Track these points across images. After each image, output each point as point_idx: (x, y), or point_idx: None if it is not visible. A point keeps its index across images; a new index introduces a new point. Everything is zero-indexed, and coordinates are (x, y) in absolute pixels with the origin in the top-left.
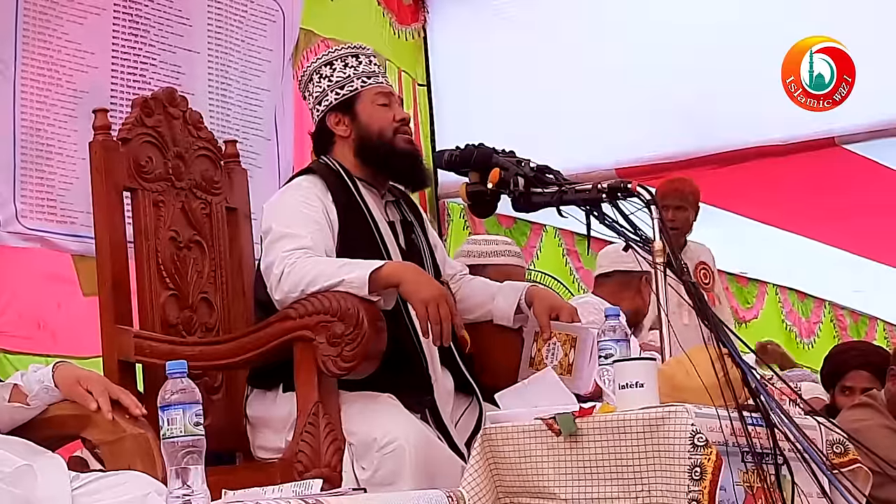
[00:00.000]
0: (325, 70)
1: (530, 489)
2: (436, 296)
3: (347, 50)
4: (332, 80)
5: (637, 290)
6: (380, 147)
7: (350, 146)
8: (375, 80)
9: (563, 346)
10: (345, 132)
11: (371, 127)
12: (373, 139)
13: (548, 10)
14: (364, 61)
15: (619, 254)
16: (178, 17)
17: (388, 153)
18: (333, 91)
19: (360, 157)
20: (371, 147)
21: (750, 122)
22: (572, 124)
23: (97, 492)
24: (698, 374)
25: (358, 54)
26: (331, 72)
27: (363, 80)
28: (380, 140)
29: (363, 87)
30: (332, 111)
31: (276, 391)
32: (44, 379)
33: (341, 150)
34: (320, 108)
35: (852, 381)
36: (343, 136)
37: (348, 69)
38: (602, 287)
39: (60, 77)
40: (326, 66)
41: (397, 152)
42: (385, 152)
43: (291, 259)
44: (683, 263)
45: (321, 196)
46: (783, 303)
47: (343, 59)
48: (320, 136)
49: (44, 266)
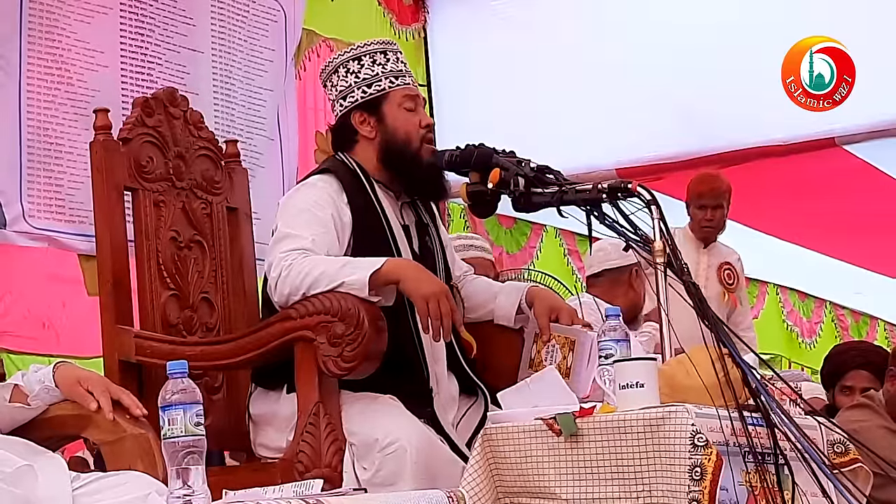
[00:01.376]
0: (353, 65)
1: (531, 489)
2: (436, 292)
3: (376, 46)
4: (360, 77)
5: (629, 284)
6: (405, 155)
7: (374, 148)
8: (403, 81)
9: (562, 349)
10: (370, 133)
11: (398, 132)
12: (398, 145)
13: (548, 10)
14: (392, 58)
15: (605, 252)
16: (183, 17)
17: (413, 164)
18: (360, 88)
19: (383, 161)
20: (396, 153)
21: (750, 122)
22: (572, 124)
23: (98, 492)
24: (699, 374)
25: (386, 51)
26: (358, 67)
27: (391, 79)
28: (405, 147)
29: (391, 87)
30: (358, 109)
31: (280, 391)
32: (44, 379)
33: (363, 150)
34: (344, 103)
35: (852, 380)
36: (368, 137)
37: (376, 66)
38: (594, 287)
39: (71, 76)
40: (354, 61)
41: (422, 165)
42: (409, 162)
43: (288, 261)
44: (683, 263)
45: (335, 197)
46: (784, 303)
47: (371, 55)
48: (342, 132)
49: (49, 266)
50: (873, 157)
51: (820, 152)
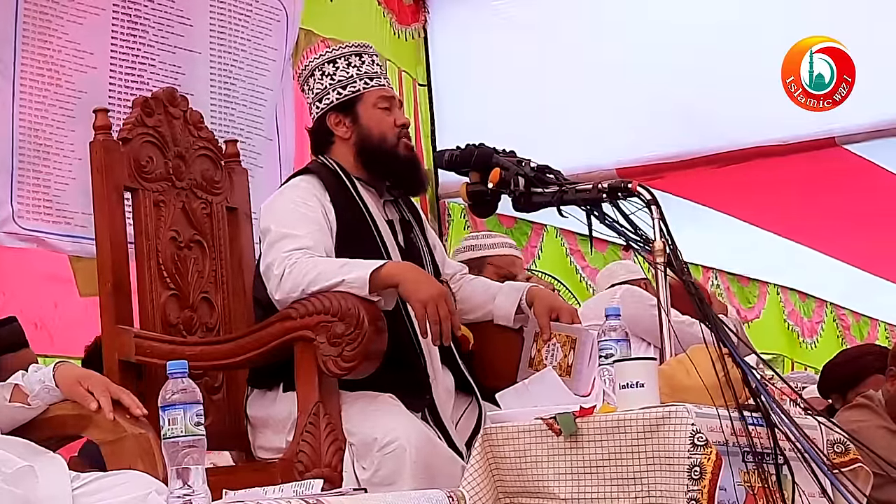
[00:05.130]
0: (328, 68)
1: (530, 489)
2: (434, 295)
3: (351, 48)
4: (335, 79)
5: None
6: (381, 153)
7: (350, 148)
8: (378, 83)
9: (563, 348)
10: (345, 133)
11: (372, 131)
12: (374, 143)
13: (548, 10)
14: (367, 61)
15: (611, 271)
16: (179, 18)
17: (390, 160)
18: (335, 90)
19: (360, 160)
20: (372, 151)
21: (750, 122)
22: (572, 124)
23: (98, 491)
24: (699, 374)
25: (361, 53)
26: (333, 70)
27: (366, 81)
28: (381, 145)
29: (365, 88)
30: (333, 111)
31: (277, 391)
32: (44, 379)
33: (340, 150)
34: (320, 105)
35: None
36: (343, 138)
37: (351, 69)
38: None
39: (60, 77)
40: (329, 64)
41: (399, 159)
42: (386, 159)
43: (292, 259)
44: (684, 263)
45: (319, 196)
46: (784, 303)
47: (346, 57)
48: (319, 134)
49: (41, 266)
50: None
51: (820, 152)
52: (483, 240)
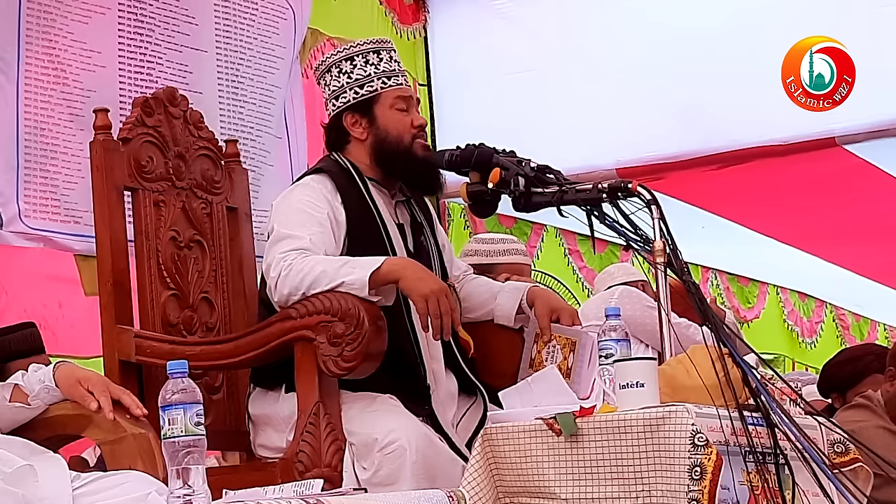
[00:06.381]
0: (346, 65)
1: (530, 489)
2: (435, 290)
3: (369, 45)
4: (352, 78)
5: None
6: (398, 154)
7: (366, 149)
8: (396, 81)
9: (563, 350)
10: (361, 134)
11: (389, 133)
12: (391, 146)
13: (548, 11)
14: (385, 57)
15: (609, 273)
16: (185, 16)
17: (407, 161)
18: (352, 89)
19: (376, 161)
20: (388, 153)
21: (750, 122)
22: (572, 124)
23: (98, 491)
24: (699, 374)
25: (379, 49)
26: (351, 68)
27: (383, 80)
28: (397, 147)
29: (383, 88)
30: (349, 110)
31: (279, 391)
32: (44, 379)
33: (356, 150)
34: (337, 103)
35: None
36: (359, 139)
37: (369, 66)
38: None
39: (67, 77)
40: (347, 62)
41: (416, 160)
42: (403, 160)
43: (287, 261)
44: (684, 263)
45: (329, 196)
46: (784, 303)
47: (364, 54)
48: (334, 132)
49: (46, 266)
50: (873, 157)
51: (820, 152)
52: (491, 245)
